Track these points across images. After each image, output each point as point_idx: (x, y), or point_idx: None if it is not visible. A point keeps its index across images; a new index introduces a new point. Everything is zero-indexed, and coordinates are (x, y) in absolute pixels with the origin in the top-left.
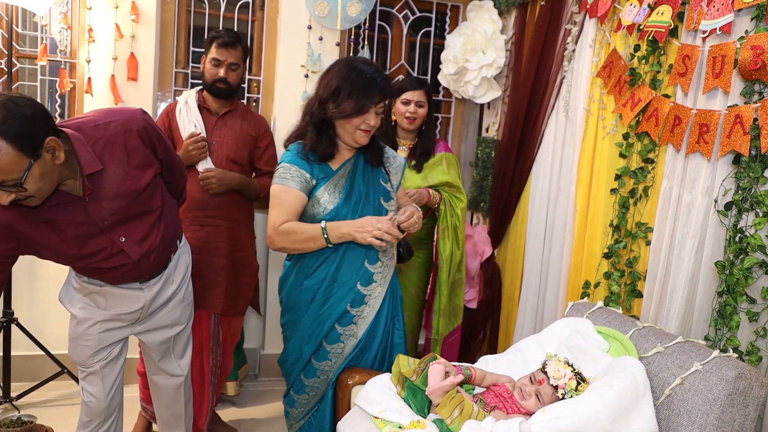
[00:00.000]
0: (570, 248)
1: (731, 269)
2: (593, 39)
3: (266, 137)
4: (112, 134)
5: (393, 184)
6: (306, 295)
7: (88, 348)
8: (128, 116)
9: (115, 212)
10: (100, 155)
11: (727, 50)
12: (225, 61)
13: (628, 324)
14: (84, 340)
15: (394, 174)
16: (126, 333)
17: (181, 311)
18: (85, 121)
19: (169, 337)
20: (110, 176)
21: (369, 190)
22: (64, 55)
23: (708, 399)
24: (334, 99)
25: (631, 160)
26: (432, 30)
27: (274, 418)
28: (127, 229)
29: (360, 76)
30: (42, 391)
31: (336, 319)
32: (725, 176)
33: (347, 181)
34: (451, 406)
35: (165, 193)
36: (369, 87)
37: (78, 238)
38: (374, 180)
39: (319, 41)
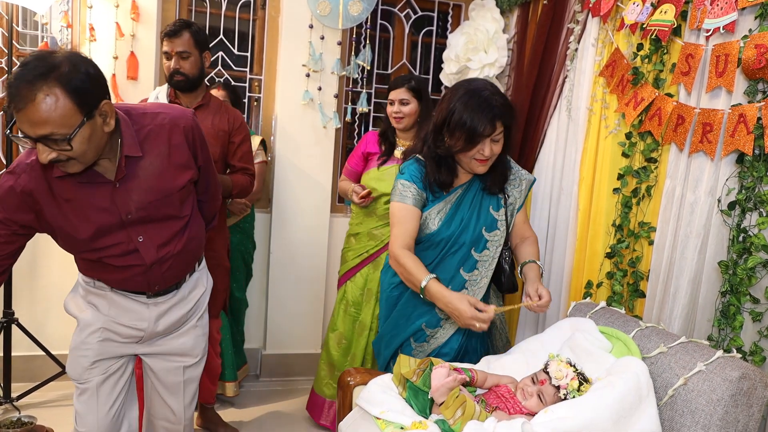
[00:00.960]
0: (572, 248)
1: (735, 269)
2: (596, 38)
3: (240, 132)
4: (159, 125)
5: (513, 207)
6: (392, 297)
7: (86, 358)
8: (179, 113)
9: (143, 207)
10: (142, 142)
11: (730, 49)
12: (172, 51)
13: (630, 324)
14: (83, 348)
15: (517, 197)
16: (129, 350)
17: (194, 341)
18: (136, 108)
19: (179, 368)
20: (147, 167)
21: (473, 218)
22: None
23: (712, 399)
24: (447, 129)
25: (633, 159)
26: (434, 29)
27: (277, 417)
28: (149, 229)
29: (471, 102)
30: (42, 392)
31: (411, 334)
32: (729, 176)
33: (452, 208)
34: (454, 406)
35: (195, 207)
36: (479, 116)
37: (97, 225)
38: (484, 207)
39: (320, 40)
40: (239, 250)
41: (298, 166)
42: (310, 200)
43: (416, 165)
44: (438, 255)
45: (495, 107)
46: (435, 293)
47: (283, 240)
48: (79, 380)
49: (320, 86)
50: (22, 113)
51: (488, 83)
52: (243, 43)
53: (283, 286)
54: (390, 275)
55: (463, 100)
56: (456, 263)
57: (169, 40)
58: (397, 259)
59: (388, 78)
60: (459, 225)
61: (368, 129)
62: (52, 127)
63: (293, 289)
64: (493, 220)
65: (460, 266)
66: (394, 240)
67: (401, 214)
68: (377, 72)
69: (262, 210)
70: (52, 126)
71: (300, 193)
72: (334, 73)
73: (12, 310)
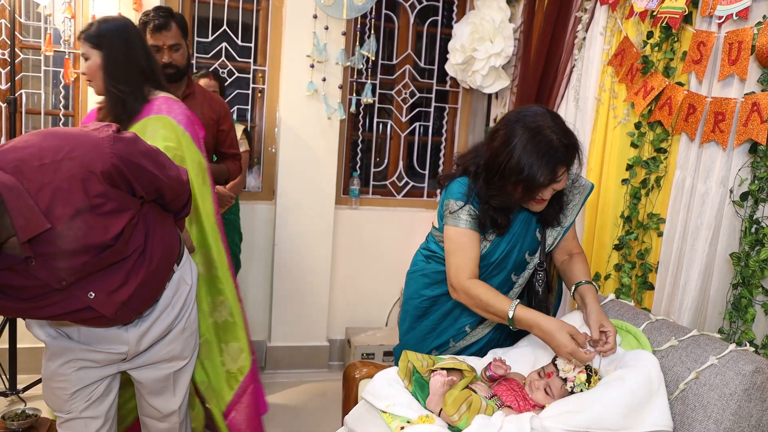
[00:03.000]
0: (580, 240)
1: (747, 261)
2: (604, 26)
3: (227, 119)
4: (66, 178)
5: (561, 228)
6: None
7: (63, 390)
8: (89, 149)
9: (77, 270)
10: (47, 209)
11: (744, 36)
12: (164, 45)
13: (640, 317)
14: (57, 380)
15: (568, 215)
16: (111, 371)
17: (182, 344)
18: (27, 157)
19: (169, 374)
20: (65, 233)
21: (519, 242)
22: (68, 45)
23: (724, 394)
24: (501, 175)
25: (642, 149)
26: (439, 19)
27: (281, 409)
28: (95, 281)
29: (529, 145)
30: None
31: (435, 347)
32: (741, 166)
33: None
34: (455, 403)
35: (149, 221)
36: (539, 163)
37: (29, 296)
38: (531, 230)
39: (324, 31)
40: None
41: (302, 158)
42: (314, 192)
43: (465, 189)
44: (480, 277)
45: (558, 151)
46: (528, 320)
47: (287, 231)
48: (61, 411)
49: (324, 77)
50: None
51: (548, 116)
52: (247, 34)
53: (287, 277)
54: (420, 286)
55: (522, 142)
56: (495, 286)
57: (159, 34)
58: (467, 291)
59: (393, 69)
60: (506, 246)
61: (373, 120)
62: None
63: (298, 280)
64: (536, 243)
65: (498, 289)
66: (457, 270)
67: (461, 240)
68: (382, 63)
69: (266, 201)
70: None
71: (304, 185)
72: (339, 63)
73: None
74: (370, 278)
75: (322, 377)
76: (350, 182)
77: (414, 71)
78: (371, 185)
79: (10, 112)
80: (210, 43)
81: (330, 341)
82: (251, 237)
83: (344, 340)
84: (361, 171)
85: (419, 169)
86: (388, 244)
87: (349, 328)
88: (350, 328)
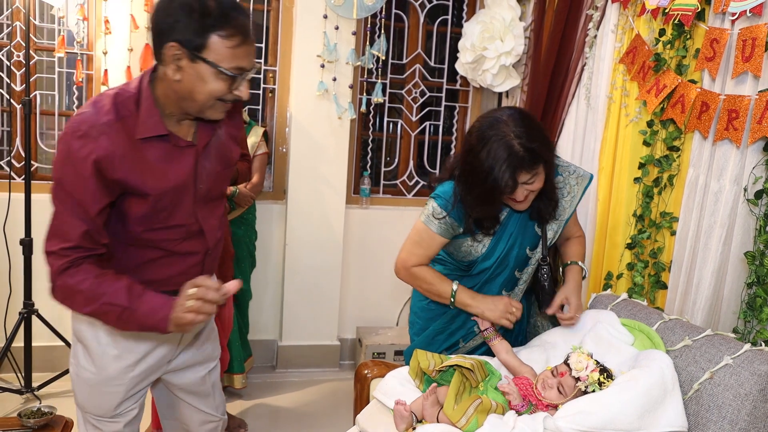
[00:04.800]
0: (592, 239)
1: (761, 260)
2: (615, 24)
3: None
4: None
5: (561, 220)
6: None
7: (116, 395)
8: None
9: (211, 178)
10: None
11: (758, 32)
12: None
13: (653, 316)
14: (113, 384)
15: (566, 207)
16: (157, 375)
17: (212, 345)
18: None
19: (204, 376)
20: (218, 131)
21: (518, 239)
22: (81, 46)
23: (739, 394)
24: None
25: (655, 148)
26: (449, 18)
27: (292, 408)
28: (205, 209)
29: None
30: (63, 382)
31: (445, 348)
32: (755, 164)
33: (499, 230)
34: (460, 410)
35: None
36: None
37: (172, 196)
38: (530, 225)
39: (335, 30)
40: (244, 242)
41: (312, 157)
42: (325, 191)
43: (451, 194)
44: (481, 279)
45: (517, 156)
46: (467, 298)
47: (298, 231)
48: (103, 416)
49: (335, 77)
50: (246, 45)
51: (515, 118)
52: (257, 34)
53: (298, 277)
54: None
55: (484, 150)
56: (499, 285)
57: None
58: (413, 274)
59: (403, 68)
60: (505, 247)
61: (383, 119)
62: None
63: (309, 280)
64: (536, 237)
65: (503, 288)
66: (408, 256)
67: (423, 237)
68: (392, 62)
69: (277, 201)
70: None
71: (315, 184)
72: (349, 63)
73: (32, 301)
74: (381, 277)
75: (333, 376)
76: (361, 182)
77: (424, 70)
78: (382, 184)
79: (25, 114)
80: None
81: (341, 340)
82: (262, 236)
83: (355, 340)
84: (371, 170)
85: (430, 168)
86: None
87: (360, 327)
88: (361, 328)
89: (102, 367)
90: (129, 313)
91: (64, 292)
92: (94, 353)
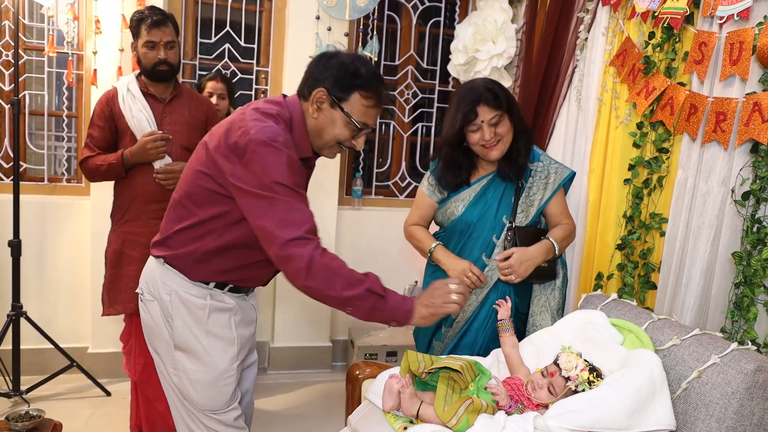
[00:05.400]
0: (582, 240)
1: (749, 260)
2: (606, 27)
3: (214, 120)
4: None
5: (533, 199)
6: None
7: (231, 386)
8: None
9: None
10: None
11: (745, 36)
12: (160, 41)
13: (643, 316)
14: (228, 376)
15: (540, 188)
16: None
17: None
18: None
19: (253, 332)
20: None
21: (494, 205)
22: (71, 46)
23: (726, 392)
24: (441, 130)
25: (644, 149)
26: (441, 20)
27: (284, 410)
28: None
29: (458, 93)
30: (51, 385)
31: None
32: (743, 165)
33: (476, 196)
34: (450, 411)
35: None
36: (463, 103)
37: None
38: (506, 196)
39: (327, 32)
40: None
41: None
42: (317, 193)
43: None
44: (462, 240)
45: (479, 90)
46: (440, 256)
47: None
48: (221, 408)
49: None
50: (377, 109)
51: (487, 79)
52: (249, 35)
53: None
54: (430, 271)
55: (452, 99)
56: (478, 248)
57: (157, 30)
58: (410, 232)
59: (395, 69)
60: (482, 210)
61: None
62: None
63: None
64: (510, 207)
65: (483, 252)
66: (410, 218)
67: (419, 199)
68: (384, 63)
69: None
70: None
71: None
72: None
73: (20, 303)
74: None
75: (325, 378)
76: (353, 183)
77: (416, 72)
78: (374, 186)
79: (14, 114)
80: (213, 44)
81: (333, 342)
82: None
83: (347, 341)
84: (363, 171)
85: (422, 169)
86: (391, 244)
87: (352, 328)
88: (353, 329)
89: (212, 364)
90: (382, 302)
91: (325, 274)
92: (200, 353)
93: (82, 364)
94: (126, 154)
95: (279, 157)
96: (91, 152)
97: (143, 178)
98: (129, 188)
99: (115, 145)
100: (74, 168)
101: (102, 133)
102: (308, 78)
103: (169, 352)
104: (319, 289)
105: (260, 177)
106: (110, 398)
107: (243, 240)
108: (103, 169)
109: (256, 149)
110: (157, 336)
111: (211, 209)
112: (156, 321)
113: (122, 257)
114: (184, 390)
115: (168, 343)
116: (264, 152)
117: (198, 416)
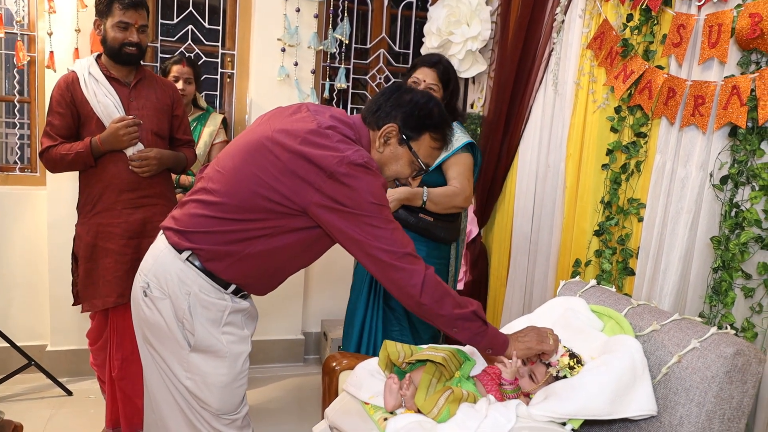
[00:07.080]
0: (559, 226)
1: (727, 244)
2: (583, 9)
3: (180, 104)
4: None
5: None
6: None
7: (243, 387)
8: None
9: None
10: None
11: (723, 19)
12: (135, 23)
13: (622, 302)
14: (241, 378)
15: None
16: None
17: None
18: None
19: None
20: None
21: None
22: (22, 26)
23: (706, 377)
24: None
25: (622, 134)
26: (414, 1)
27: (257, 405)
28: None
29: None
30: (8, 385)
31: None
32: (721, 149)
33: None
34: (430, 401)
35: None
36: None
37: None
38: None
39: (296, 13)
40: None
41: None
42: None
43: None
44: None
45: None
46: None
47: None
48: (234, 411)
49: (296, 61)
50: (440, 151)
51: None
52: (214, 16)
53: None
54: None
55: None
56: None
57: (133, 11)
58: None
59: (367, 53)
60: None
61: (347, 105)
62: None
63: None
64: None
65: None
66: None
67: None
68: (356, 47)
69: None
70: None
71: None
72: (311, 47)
73: None
74: (346, 270)
75: (298, 371)
76: None
77: (389, 55)
78: None
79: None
80: (175, 26)
81: (305, 334)
82: None
83: (320, 333)
84: None
85: None
86: None
87: (324, 320)
88: (326, 321)
89: (232, 365)
90: (484, 330)
91: (438, 293)
92: (221, 354)
93: (41, 362)
94: (95, 142)
95: (377, 179)
96: (53, 141)
97: (115, 166)
98: (99, 178)
99: (78, 133)
100: (28, 156)
101: (63, 121)
102: (377, 109)
103: (179, 354)
104: (431, 307)
105: (365, 196)
106: (71, 398)
107: (289, 248)
108: (70, 158)
109: (355, 173)
110: (164, 336)
111: (267, 222)
112: (165, 320)
113: (96, 250)
114: (199, 393)
115: (180, 345)
116: (362, 174)
117: (209, 420)
